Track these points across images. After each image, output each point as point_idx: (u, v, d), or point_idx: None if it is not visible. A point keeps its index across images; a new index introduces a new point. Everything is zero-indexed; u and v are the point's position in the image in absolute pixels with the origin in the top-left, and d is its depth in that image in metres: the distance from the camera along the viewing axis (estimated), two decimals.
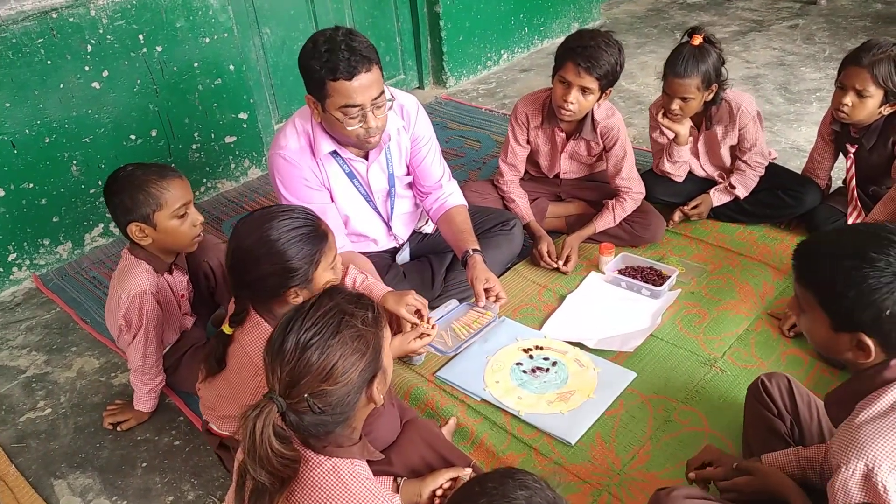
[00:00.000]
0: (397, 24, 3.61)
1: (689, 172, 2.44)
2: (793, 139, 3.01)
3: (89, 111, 2.53)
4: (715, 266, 2.27)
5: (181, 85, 2.73)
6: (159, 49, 2.63)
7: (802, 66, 3.66)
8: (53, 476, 1.79)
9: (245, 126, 2.99)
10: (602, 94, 2.16)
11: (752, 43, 3.99)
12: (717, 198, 2.41)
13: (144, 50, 2.60)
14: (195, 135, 2.85)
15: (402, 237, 2.22)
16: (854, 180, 2.23)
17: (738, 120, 2.27)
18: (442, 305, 2.12)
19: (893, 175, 2.07)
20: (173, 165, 2.03)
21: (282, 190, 1.95)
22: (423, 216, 2.27)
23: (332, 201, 2.00)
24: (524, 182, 2.50)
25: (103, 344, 2.22)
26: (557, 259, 2.29)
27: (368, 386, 1.12)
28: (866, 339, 1.09)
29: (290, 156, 1.91)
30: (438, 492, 1.43)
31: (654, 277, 2.21)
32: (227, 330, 1.47)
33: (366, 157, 1.98)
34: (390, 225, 2.15)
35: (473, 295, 1.98)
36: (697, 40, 2.16)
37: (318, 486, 1.08)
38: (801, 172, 2.44)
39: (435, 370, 1.95)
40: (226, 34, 2.79)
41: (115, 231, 2.69)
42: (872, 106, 2.05)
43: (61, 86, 2.44)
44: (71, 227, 2.63)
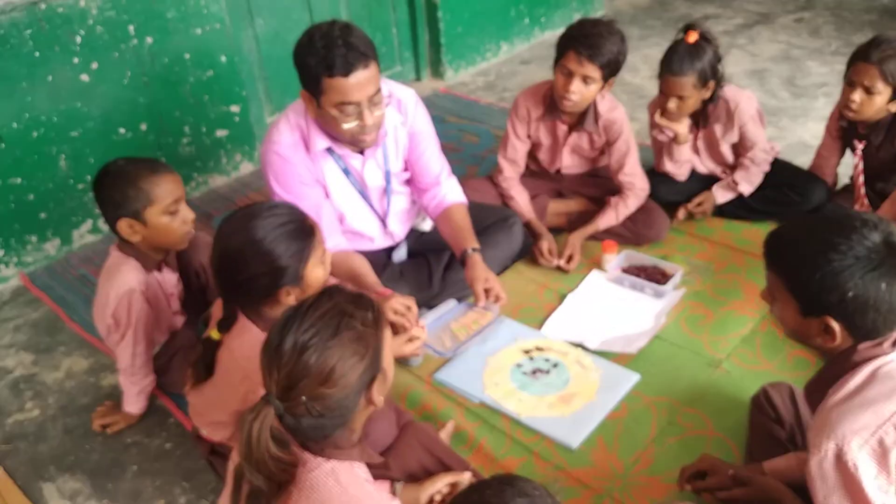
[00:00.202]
0: (394, 14, 3.55)
1: (692, 171, 2.40)
2: (799, 135, 2.97)
3: (78, 104, 2.48)
4: (720, 265, 2.23)
5: (172, 77, 2.68)
6: (150, 40, 2.58)
7: (808, 61, 3.62)
8: (42, 479, 1.76)
9: (237, 119, 2.93)
10: (605, 83, 2.12)
11: (757, 36, 3.94)
12: (721, 194, 2.37)
13: (135, 41, 2.54)
14: (186, 128, 2.79)
15: (398, 235, 2.18)
16: (862, 177, 2.21)
17: (736, 119, 2.25)
18: (440, 305, 2.08)
19: None
20: (164, 160, 1.98)
21: (275, 186, 1.91)
22: (420, 213, 2.23)
23: (327, 198, 1.96)
24: (524, 178, 2.46)
25: (92, 344, 2.18)
26: (559, 257, 2.25)
27: (368, 388, 1.10)
28: (832, 322, 1.12)
29: (284, 151, 1.87)
30: (437, 497, 1.41)
31: (657, 276, 2.17)
32: (215, 335, 1.43)
33: (361, 153, 1.94)
34: (386, 222, 2.11)
35: (473, 295, 1.94)
36: (693, 37, 2.13)
37: (316, 488, 1.06)
38: (807, 169, 2.41)
39: (433, 372, 1.92)
40: (218, 25, 2.74)
41: (104, 228, 2.65)
42: (881, 103, 2.03)
43: (49, 78, 2.39)
44: (59, 224, 2.58)
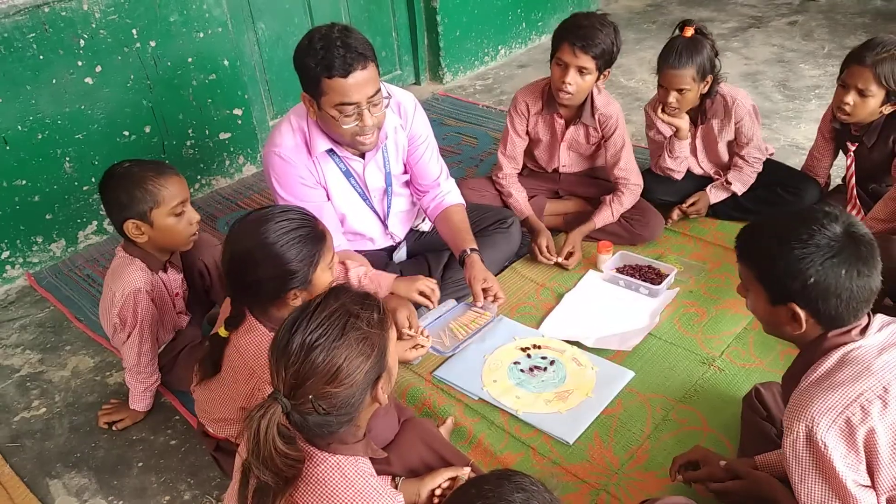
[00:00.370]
0: (394, 19, 3.58)
1: (687, 171, 2.42)
2: (792, 136, 3.00)
3: (82, 107, 2.51)
4: (713, 264, 2.27)
5: (175, 80, 2.71)
6: (153, 44, 2.61)
7: (801, 63, 3.65)
8: (49, 476, 1.78)
9: (240, 122, 2.96)
10: (600, 74, 2.16)
11: (751, 39, 3.98)
12: (715, 194, 2.40)
13: (138, 45, 2.57)
14: (189, 131, 2.82)
15: (398, 235, 2.21)
16: (854, 178, 2.23)
17: (734, 114, 2.27)
18: (440, 305, 2.10)
19: (894, 173, 2.07)
20: (167, 162, 2.01)
21: (277, 188, 1.93)
22: (419, 214, 2.26)
23: (329, 200, 1.99)
24: (522, 178, 2.49)
25: (98, 343, 2.21)
26: (558, 255, 2.27)
27: (373, 386, 1.12)
28: (797, 309, 1.18)
29: (286, 154, 1.89)
30: (437, 491, 1.43)
31: (652, 276, 2.20)
32: (223, 333, 1.45)
33: (362, 156, 1.97)
34: (387, 223, 2.14)
35: (471, 294, 1.97)
36: (689, 32, 2.16)
37: (321, 482, 1.08)
38: (800, 170, 2.44)
39: (432, 369, 1.94)
40: (220, 29, 2.77)
41: (109, 228, 2.67)
42: (874, 105, 2.04)
43: (54, 81, 2.42)
44: (64, 225, 2.61)
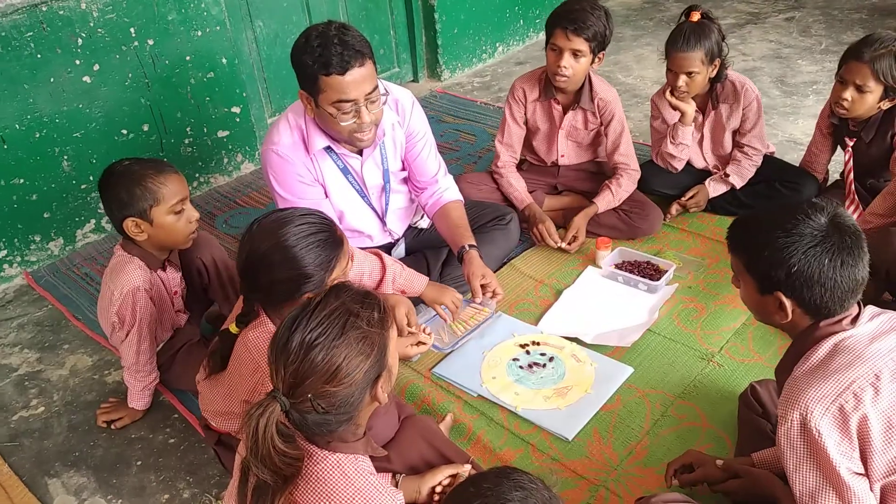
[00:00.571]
0: (391, 17, 3.58)
1: (687, 164, 2.43)
2: (790, 132, 3.01)
3: (80, 105, 2.51)
4: (712, 260, 2.27)
5: (173, 79, 2.70)
6: (151, 42, 2.60)
7: (799, 59, 3.65)
8: (47, 475, 1.78)
9: (238, 120, 2.96)
10: (594, 57, 2.19)
11: (748, 35, 3.98)
12: (714, 188, 2.41)
13: (136, 43, 2.57)
14: (187, 129, 2.82)
15: (397, 232, 2.21)
16: (852, 174, 2.23)
17: (744, 97, 2.29)
18: None
19: (892, 168, 2.07)
20: (166, 160, 2.01)
21: (275, 186, 1.93)
22: (418, 211, 2.26)
23: (327, 197, 1.99)
24: (521, 172, 2.51)
25: (96, 341, 2.21)
26: (562, 240, 2.28)
27: (373, 385, 1.12)
28: (783, 297, 1.20)
29: (284, 151, 1.89)
30: (438, 488, 1.43)
31: (651, 272, 2.20)
32: (234, 330, 1.45)
33: (360, 153, 1.97)
34: (385, 220, 2.14)
35: (470, 291, 1.97)
36: (696, 16, 2.20)
37: (321, 480, 1.08)
38: (798, 165, 2.44)
39: (431, 366, 1.94)
40: (218, 27, 2.77)
41: (107, 227, 2.67)
42: (872, 101, 2.05)
43: (51, 80, 2.42)
44: (62, 223, 2.60)
